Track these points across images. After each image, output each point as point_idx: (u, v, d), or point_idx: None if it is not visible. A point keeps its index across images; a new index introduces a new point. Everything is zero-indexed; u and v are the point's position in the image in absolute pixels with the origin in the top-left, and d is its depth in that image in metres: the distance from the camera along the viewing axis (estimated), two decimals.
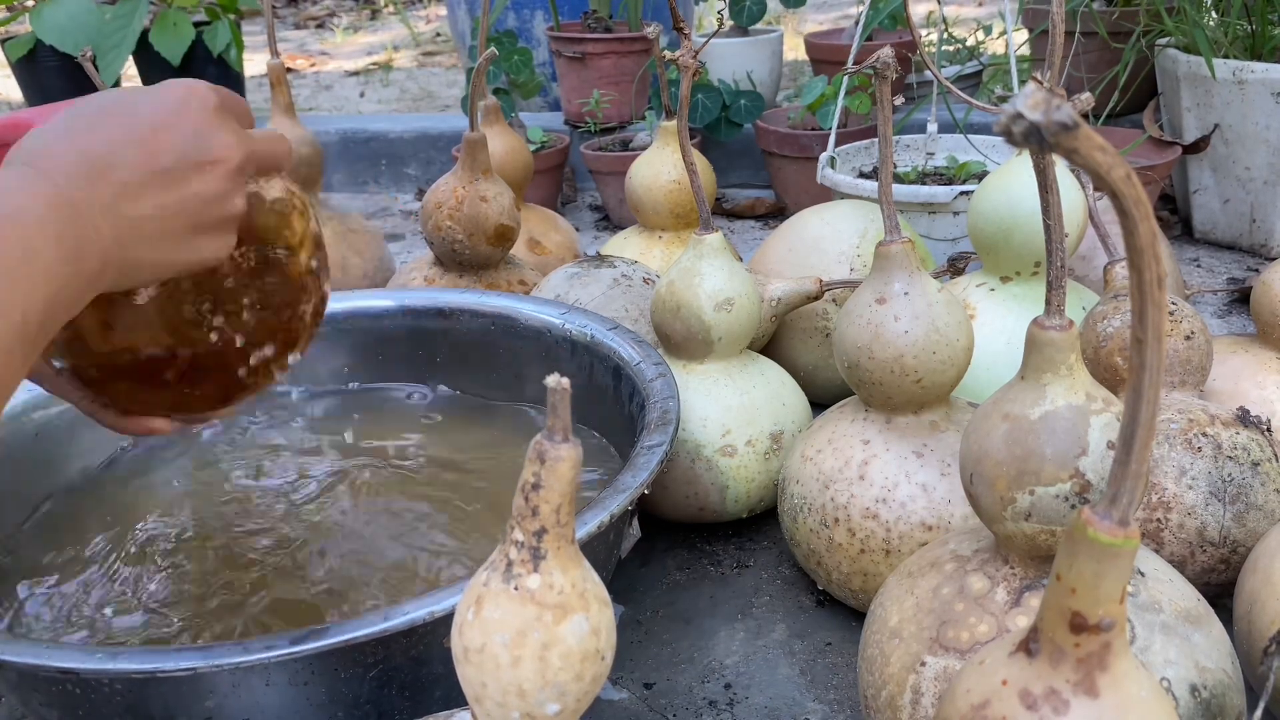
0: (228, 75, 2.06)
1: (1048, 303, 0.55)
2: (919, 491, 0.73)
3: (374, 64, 3.38)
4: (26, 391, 0.83)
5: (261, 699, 0.58)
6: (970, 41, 1.99)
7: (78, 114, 0.51)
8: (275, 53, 1.26)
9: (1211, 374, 0.83)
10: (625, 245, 1.21)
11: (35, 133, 0.50)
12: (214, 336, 0.59)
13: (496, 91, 1.80)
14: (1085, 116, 0.94)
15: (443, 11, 3.89)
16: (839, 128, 1.52)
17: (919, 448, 0.75)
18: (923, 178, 1.41)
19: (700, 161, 1.10)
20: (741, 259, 1.25)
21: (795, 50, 2.74)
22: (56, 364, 0.59)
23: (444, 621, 0.55)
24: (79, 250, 0.46)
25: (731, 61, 1.97)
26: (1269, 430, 0.74)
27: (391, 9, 4.33)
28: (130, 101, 0.52)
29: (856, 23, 1.62)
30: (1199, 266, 1.44)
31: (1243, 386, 0.84)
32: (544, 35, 2.05)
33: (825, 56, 2.02)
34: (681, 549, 0.90)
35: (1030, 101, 0.26)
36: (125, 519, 0.82)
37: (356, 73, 3.28)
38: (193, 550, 0.78)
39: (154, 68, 1.97)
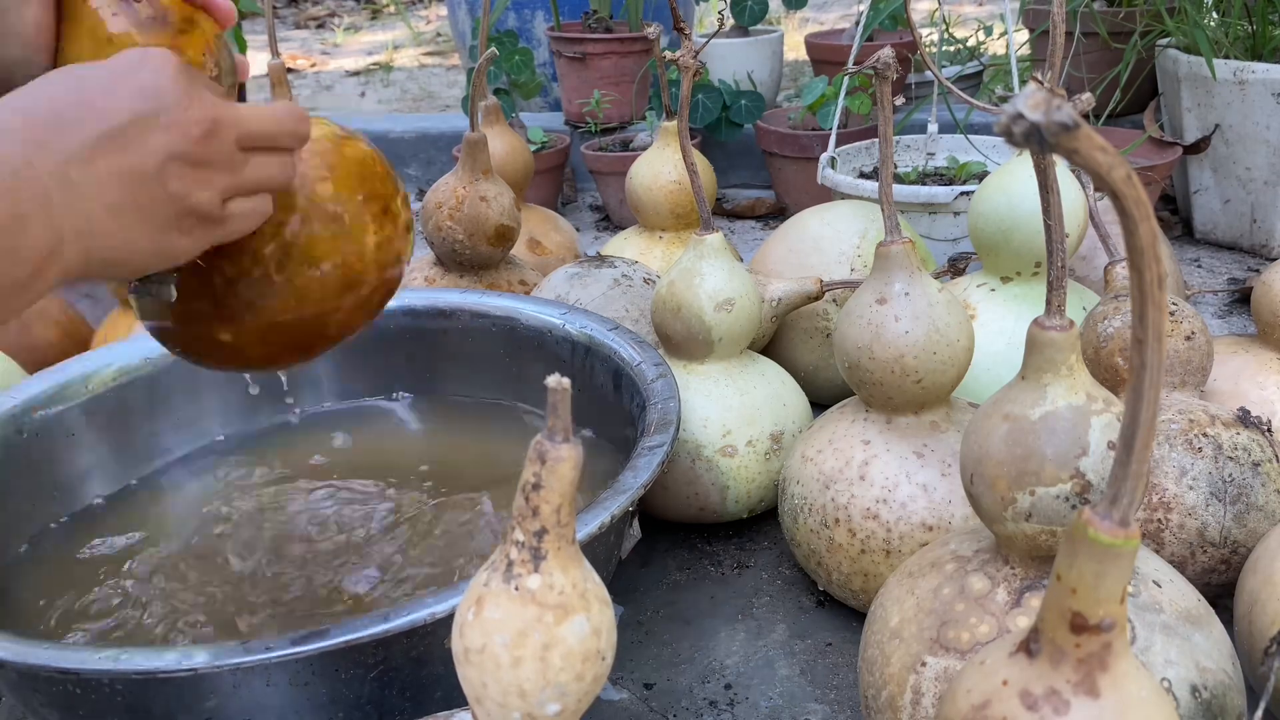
0: None
1: (1048, 303, 0.55)
2: (919, 492, 0.73)
3: (374, 64, 3.38)
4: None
5: (262, 699, 0.58)
6: (971, 42, 1.99)
7: (20, 90, 0.46)
8: (276, 53, 1.26)
9: (1212, 374, 0.83)
10: (625, 245, 1.21)
11: None
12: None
13: (497, 92, 1.80)
14: (1086, 117, 0.94)
15: (443, 11, 3.89)
16: (839, 128, 1.52)
17: (919, 448, 0.75)
18: (923, 178, 1.41)
19: (700, 162, 1.10)
20: (742, 259, 1.25)
21: (796, 50, 2.74)
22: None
23: (444, 622, 0.55)
24: (19, 222, 0.42)
25: (732, 61, 1.97)
26: (1269, 431, 0.74)
27: (392, 9, 4.33)
28: (78, 70, 0.48)
29: (857, 23, 1.62)
30: (1199, 267, 1.44)
31: (1243, 387, 0.84)
32: (544, 35, 2.05)
33: (826, 57, 2.02)
34: (682, 549, 0.90)
35: (1031, 102, 0.26)
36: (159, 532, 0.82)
37: (357, 73, 3.28)
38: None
39: None
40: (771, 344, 1.04)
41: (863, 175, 1.43)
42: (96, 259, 0.46)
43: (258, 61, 2.92)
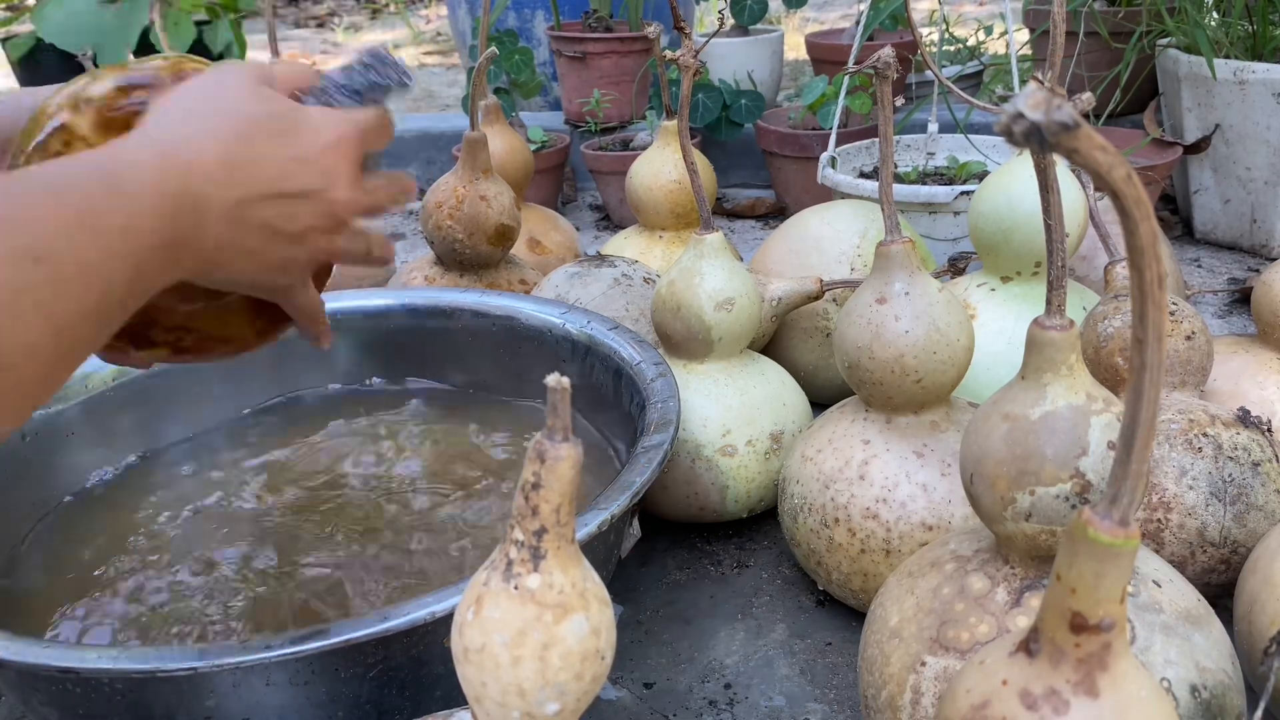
0: None
1: (1048, 303, 0.55)
2: (919, 491, 0.73)
3: None
4: None
5: (262, 698, 0.58)
6: (971, 41, 1.99)
7: (225, 110, 0.50)
8: (276, 52, 1.26)
9: (1212, 374, 0.83)
10: (625, 245, 1.21)
11: (176, 113, 0.49)
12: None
13: (497, 91, 1.80)
14: (1086, 116, 0.94)
15: (443, 11, 3.89)
16: (839, 128, 1.52)
17: (919, 448, 0.75)
18: (923, 178, 1.41)
19: (700, 161, 1.10)
20: (742, 259, 1.25)
21: (796, 50, 2.74)
22: None
23: (444, 621, 0.55)
24: (177, 245, 0.46)
25: (732, 61, 1.97)
26: (1269, 430, 0.74)
27: (392, 8, 4.33)
28: (286, 124, 0.52)
29: (857, 22, 1.62)
30: (1199, 267, 1.44)
31: (1243, 387, 0.84)
32: (545, 35, 2.05)
33: (826, 56, 2.02)
34: (681, 549, 0.90)
35: (1031, 101, 0.26)
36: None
37: None
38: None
39: None
40: (771, 344, 1.04)
41: (863, 175, 1.43)
42: (201, 276, 0.51)
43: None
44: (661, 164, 1.16)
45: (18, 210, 0.39)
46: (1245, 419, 0.73)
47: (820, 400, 0.99)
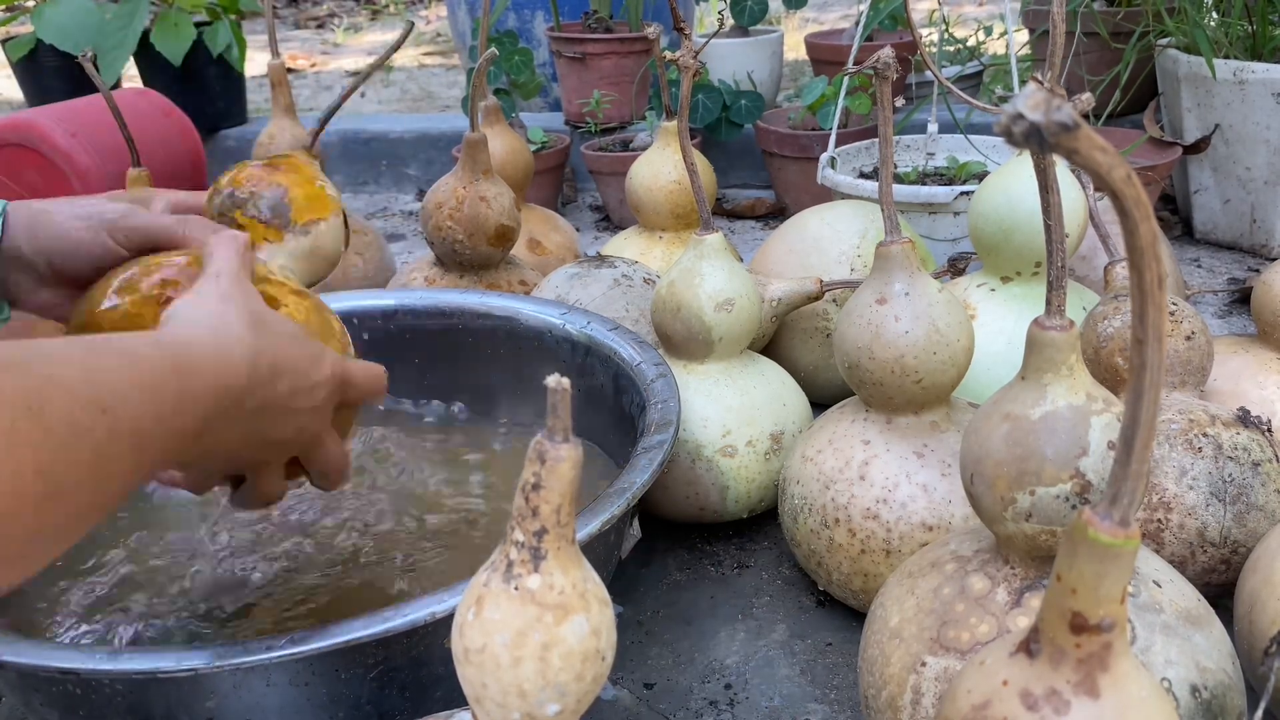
0: (229, 75, 2.06)
1: (1048, 303, 0.55)
2: (919, 492, 0.73)
3: None
4: None
5: (262, 699, 0.58)
6: (971, 42, 1.99)
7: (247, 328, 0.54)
8: (276, 53, 1.26)
9: (1212, 374, 0.83)
10: (625, 246, 1.21)
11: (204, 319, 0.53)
12: None
13: (497, 92, 1.80)
14: (1086, 117, 0.94)
15: (443, 12, 3.89)
16: (839, 128, 1.52)
17: (919, 448, 0.75)
18: (923, 178, 1.41)
19: (700, 162, 1.10)
20: (742, 259, 1.25)
21: (796, 50, 2.74)
22: None
23: (444, 622, 0.55)
24: (202, 435, 0.49)
25: (732, 62, 1.97)
26: (1269, 430, 0.74)
27: (392, 9, 4.33)
28: (289, 347, 0.56)
29: (857, 23, 1.62)
30: (1199, 267, 1.44)
31: (1243, 387, 0.84)
32: (544, 35, 2.05)
33: (825, 57, 2.02)
34: (682, 549, 0.90)
35: (1031, 102, 0.26)
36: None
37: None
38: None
39: (155, 68, 1.97)
40: (771, 344, 1.04)
41: (863, 175, 1.43)
42: (188, 462, 0.56)
43: (258, 61, 2.92)
44: (661, 164, 1.16)
45: (93, 366, 0.43)
46: (1245, 419, 0.73)
47: (820, 400, 0.99)
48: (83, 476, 0.40)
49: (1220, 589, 0.71)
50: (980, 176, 1.38)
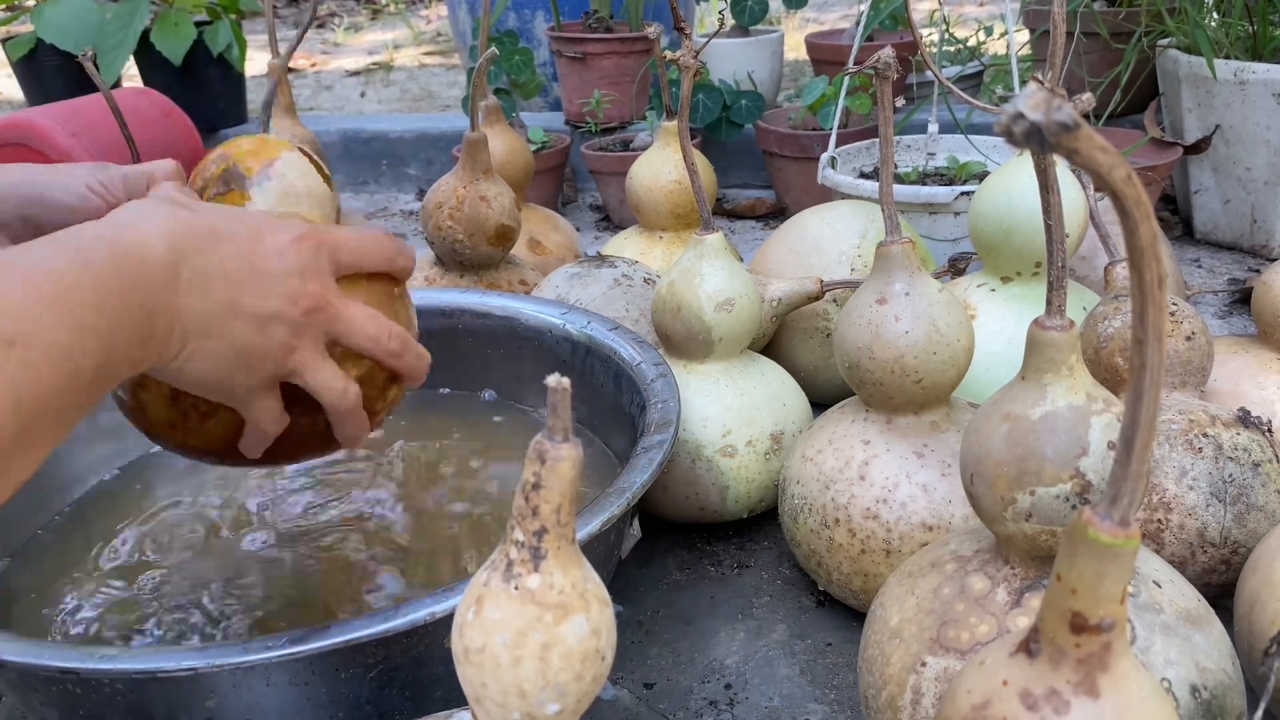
0: (229, 75, 2.06)
1: (1048, 303, 0.55)
2: (919, 492, 0.73)
3: (375, 64, 3.38)
4: None
5: (262, 699, 0.58)
6: (971, 42, 1.99)
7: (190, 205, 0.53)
8: (276, 52, 1.26)
9: (1212, 374, 0.83)
10: (626, 245, 1.21)
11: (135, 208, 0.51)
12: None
13: (497, 91, 1.80)
14: (1086, 117, 0.94)
15: (444, 11, 3.89)
16: (840, 128, 1.52)
17: (919, 448, 0.75)
18: (923, 178, 1.41)
19: (701, 162, 1.10)
20: (742, 259, 1.25)
21: (796, 50, 2.74)
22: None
23: (444, 622, 0.55)
24: (151, 314, 0.47)
25: (732, 61, 1.97)
26: (1270, 431, 0.74)
27: (393, 9, 4.33)
28: (270, 237, 0.54)
29: (857, 23, 1.62)
30: (1200, 267, 1.44)
31: (1243, 387, 0.84)
32: (545, 35, 2.05)
33: (826, 57, 2.02)
34: (682, 549, 0.90)
35: (1031, 102, 0.26)
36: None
37: (357, 72, 3.28)
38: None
39: (155, 68, 1.97)
40: (771, 344, 1.04)
41: (863, 175, 1.43)
42: (167, 363, 0.51)
43: (258, 61, 2.92)
44: (661, 164, 1.16)
45: None
46: (1245, 419, 0.73)
47: (820, 400, 0.99)
48: (5, 414, 0.39)
49: (1220, 589, 0.71)
50: (981, 176, 1.38)
